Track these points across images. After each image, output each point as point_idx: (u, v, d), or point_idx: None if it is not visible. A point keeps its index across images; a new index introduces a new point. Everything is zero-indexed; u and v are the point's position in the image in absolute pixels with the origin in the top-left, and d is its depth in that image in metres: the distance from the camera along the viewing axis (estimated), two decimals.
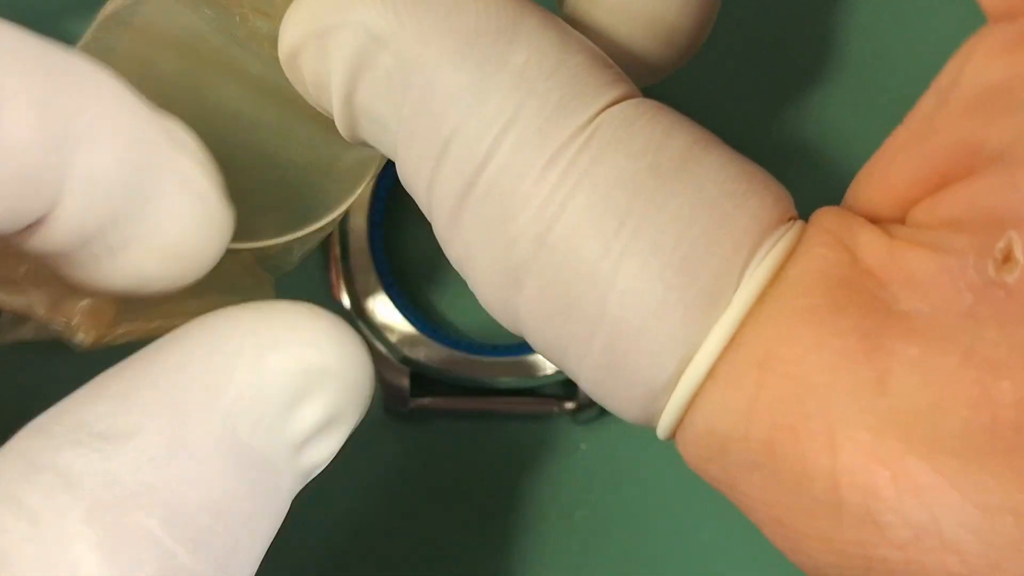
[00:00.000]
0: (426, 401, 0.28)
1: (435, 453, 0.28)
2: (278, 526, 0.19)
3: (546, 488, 0.28)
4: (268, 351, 0.18)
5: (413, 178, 0.19)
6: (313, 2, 0.19)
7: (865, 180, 0.18)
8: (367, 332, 0.27)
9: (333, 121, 0.20)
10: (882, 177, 0.18)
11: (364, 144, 0.20)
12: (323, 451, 0.19)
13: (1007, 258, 0.16)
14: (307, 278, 0.28)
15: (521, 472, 0.28)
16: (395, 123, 0.19)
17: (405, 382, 0.27)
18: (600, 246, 0.17)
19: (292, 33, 0.19)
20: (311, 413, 0.18)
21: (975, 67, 0.17)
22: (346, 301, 0.27)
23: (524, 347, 0.27)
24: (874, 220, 0.18)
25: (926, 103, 0.18)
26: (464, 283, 0.19)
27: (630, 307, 0.17)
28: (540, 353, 0.19)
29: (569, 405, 0.28)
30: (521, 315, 0.18)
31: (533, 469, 0.28)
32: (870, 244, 0.17)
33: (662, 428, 0.18)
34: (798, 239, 0.18)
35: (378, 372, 0.28)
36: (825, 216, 0.18)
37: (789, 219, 0.18)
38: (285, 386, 0.18)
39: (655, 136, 0.18)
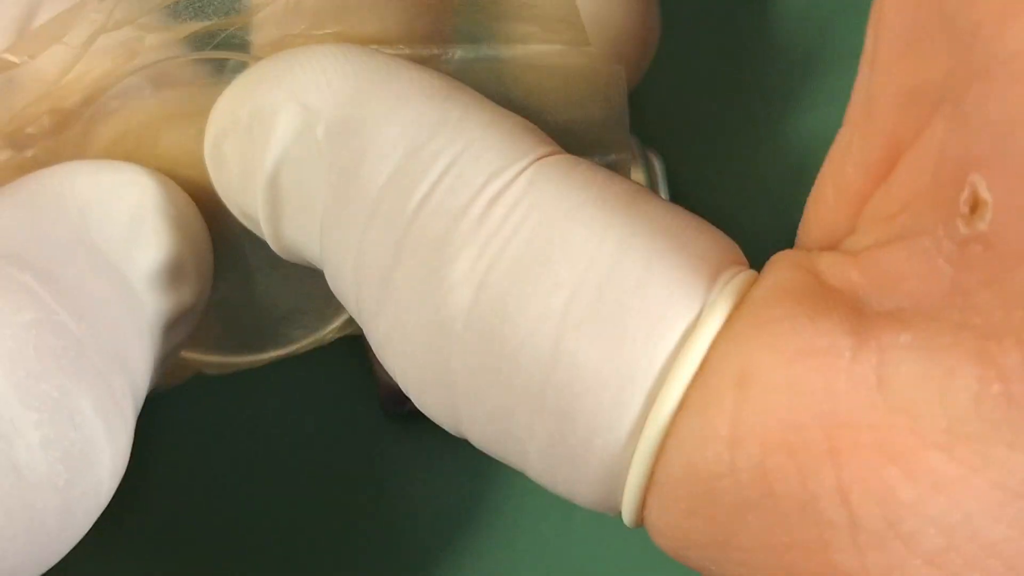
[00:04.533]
0: None
1: (434, 454, 0.28)
2: (151, 359, 0.19)
3: (546, 489, 0.28)
4: (104, 169, 0.19)
5: (339, 254, 0.17)
6: (246, 84, 0.18)
7: (818, 195, 0.17)
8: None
9: None
10: (836, 181, 0.16)
11: (286, 250, 0.19)
12: (177, 297, 0.19)
13: (975, 206, 0.14)
14: None
15: (521, 473, 0.28)
16: (320, 197, 0.18)
17: None
18: (551, 280, 0.16)
19: (222, 114, 0.19)
20: (149, 247, 0.19)
21: (889, 17, 0.15)
22: None
23: None
24: (834, 243, 0.16)
25: (860, 86, 0.16)
26: None
27: (584, 339, 0.15)
28: (481, 438, 0.17)
29: None
30: (458, 383, 0.16)
31: None
32: (832, 266, 0.16)
33: (632, 481, 0.16)
34: (755, 278, 0.16)
35: (378, 373, 0.28)
36: (780, 255, 0.17)
37: (741, 264, 0.17)
38: (123, 201, 0.18)
39: (598, 178, 0.17)
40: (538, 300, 0.16)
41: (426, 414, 0.18)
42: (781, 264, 0.16)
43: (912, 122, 0.15)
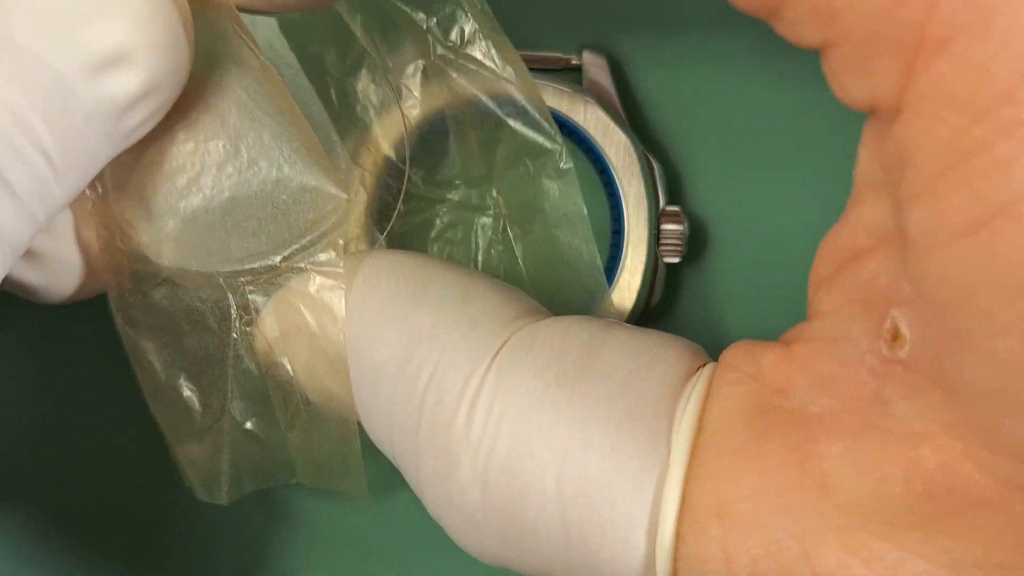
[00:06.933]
0: None
1: None
2: (88, 159, 0.19)
3: None
4: None
5: (385, 447, 0.21)
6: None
7: (814, 266, 0.20)
8: None
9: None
10: (819, 258, 0.19)
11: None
12: (124, 81, 0.18)
13: (895, 336, 0.17)
14: None
15: None
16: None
17: None
18: (538, 467, 0.18)
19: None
20: (102, 33, 0.18)
21: (863, 154, 0.18)
22: None
23: None
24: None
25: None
26: None
27: (583, 508, 0.18)
28: None
29: None
30: (499, 556, 0.19)
31: None
32: (773, 362, 0.19)
33: None
34: (709, 382, 0.19)
35: None
36: (729, 353, 0.20)
37: (698, 367, 0.19)
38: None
39: (553, 347, 0.19)
40: (534, 484, 0.18)
41: None
42: (726, 374, 0.19)
43: (873, 236, 0.18)
